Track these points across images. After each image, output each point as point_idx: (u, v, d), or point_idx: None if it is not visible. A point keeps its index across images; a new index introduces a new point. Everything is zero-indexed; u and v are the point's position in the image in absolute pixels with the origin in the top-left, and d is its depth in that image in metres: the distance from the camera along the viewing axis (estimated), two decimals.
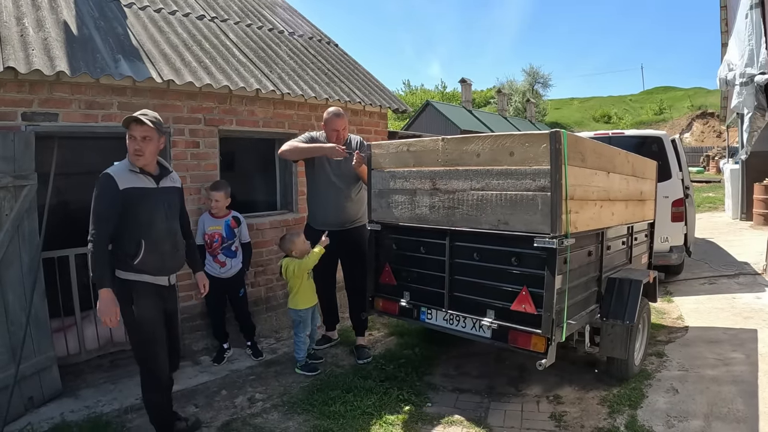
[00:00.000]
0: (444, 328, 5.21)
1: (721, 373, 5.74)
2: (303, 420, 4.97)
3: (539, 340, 4.47)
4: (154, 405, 4.49)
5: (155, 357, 4.38)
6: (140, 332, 4.31)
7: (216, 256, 6.30)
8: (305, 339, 6.13)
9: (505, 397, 5.42)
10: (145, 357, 4.39)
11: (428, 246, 5.32)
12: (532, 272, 4.52)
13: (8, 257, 4.88)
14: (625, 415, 4.90)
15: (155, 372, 4.40)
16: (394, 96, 9.55)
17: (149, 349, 4.36)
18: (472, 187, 4.81)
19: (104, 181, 4.14)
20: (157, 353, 4.38)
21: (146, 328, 4.30)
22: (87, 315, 6.11)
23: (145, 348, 4.36)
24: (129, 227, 4.22)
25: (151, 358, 4.38)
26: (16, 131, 5.11)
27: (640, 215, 6.62)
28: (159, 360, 4.40)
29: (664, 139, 9.29)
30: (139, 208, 4.24)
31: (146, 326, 4.30)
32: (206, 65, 6.70)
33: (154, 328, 4.35)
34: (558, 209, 4.30)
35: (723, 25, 17.42)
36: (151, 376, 4.40)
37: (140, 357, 4.42)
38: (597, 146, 5.16)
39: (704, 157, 42.18)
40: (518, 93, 66.46)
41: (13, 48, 5.17)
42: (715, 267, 10.68)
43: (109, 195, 4.13)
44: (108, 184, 4.13)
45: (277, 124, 7.43)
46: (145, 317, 4.27)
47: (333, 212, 6.30)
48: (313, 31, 10.31)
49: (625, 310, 5.34)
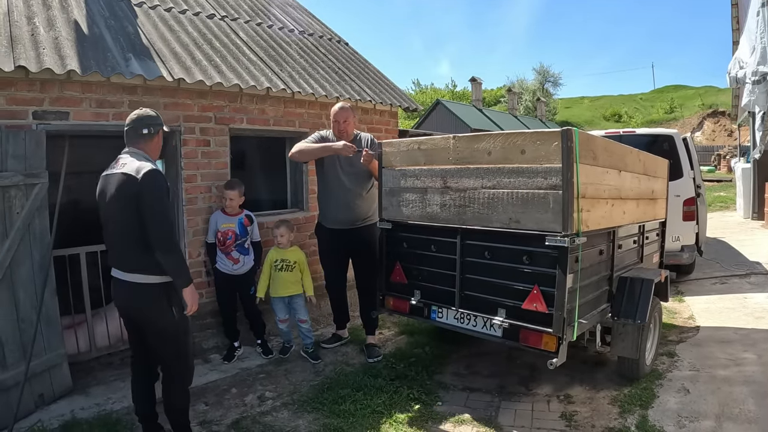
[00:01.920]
0: (455, 327, 5.20)
1: (732, 373, 5.70)
2: (313, 418, 4.97)
3: (550, 339, 4.45)
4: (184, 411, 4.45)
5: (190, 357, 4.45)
6: (178, 334, 4.22)
7: (229, 253, 6.32)
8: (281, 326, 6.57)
9: (516, 397, 5.40)
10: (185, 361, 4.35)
11: (439, 244, 5.30)
12: (544, 271, 4.50)
13: (19, 255, 4.89)
14: (636, 415, 4.87)
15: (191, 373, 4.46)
16: (405, 94, 9.54)
17: (188, 351, 4.38)
18: (484, 185, 4.80)
19: (163, 179, 4.08)
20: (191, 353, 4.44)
21: (184, 327, 4.25)
22: (97, 313, 6.12)
23: (185, 351, 4.32)
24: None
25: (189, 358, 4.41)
26: (27, 130, 5.13)
27: (652, 214, 6.59)
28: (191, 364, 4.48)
29: (676, 138, 9.24)
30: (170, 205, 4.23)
31: (184, 325, 4.24)
32: (216, 64, 6.71)
33: (188, 325, 4.33)
34: (569, 208, 4.28)
35: (734, 23, 17.34)
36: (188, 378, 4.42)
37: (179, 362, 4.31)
38: (608, 144, 5.14)
39: (715, 156, 42.02)
40: (528, 92, 66.32)
41: (24, 47, 5.19)
42: (726, 266, 10.60)
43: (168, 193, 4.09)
44: (166, 183, 4.10)
45: (287, 122, 7.43)
46: (183, 316, 4.20)
47: (344, 210, 6.28)
48: (323, 29, 10.32)
49: (637, 309, 5.31)
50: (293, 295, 6.42)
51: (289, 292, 6.41)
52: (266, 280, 6.45)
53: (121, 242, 4.09)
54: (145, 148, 4.21)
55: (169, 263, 3.99)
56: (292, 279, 6.41)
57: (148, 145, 4.23)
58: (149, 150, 4.24)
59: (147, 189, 3.92)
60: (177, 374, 4.31)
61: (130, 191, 3.94)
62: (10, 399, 4.72)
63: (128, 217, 3.97)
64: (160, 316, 4.10)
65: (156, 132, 4.26)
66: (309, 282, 6.50)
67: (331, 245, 6.50)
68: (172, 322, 4.13)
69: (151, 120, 4.24)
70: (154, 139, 4.27)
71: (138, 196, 3.92)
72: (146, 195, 3.92)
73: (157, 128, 4.26)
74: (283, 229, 6.42)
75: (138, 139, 4.19)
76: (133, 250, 4.02)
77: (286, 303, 6.46)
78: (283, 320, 6.50)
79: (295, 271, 6.42)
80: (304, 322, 6.48)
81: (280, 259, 6.40)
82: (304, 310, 6.49)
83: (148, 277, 4.02)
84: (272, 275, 6.44)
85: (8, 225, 4.80)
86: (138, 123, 4.19)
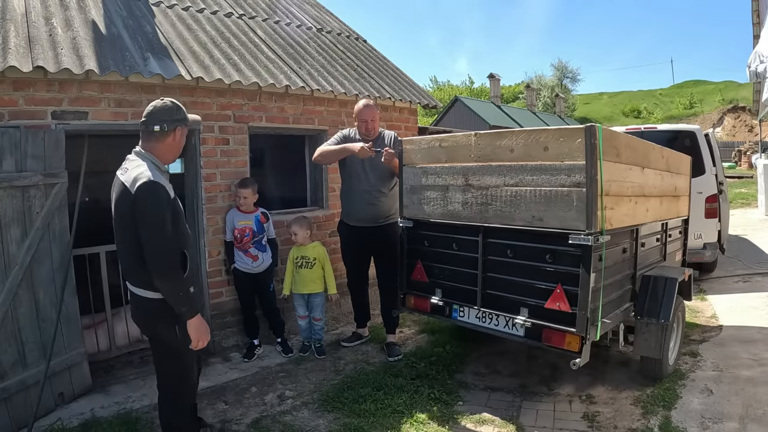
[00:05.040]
0: (476, 326, 5.17)
1: (756, 373, 5.62)
2: (333, 418, 4.95)
3: (573, 339, 4.41)
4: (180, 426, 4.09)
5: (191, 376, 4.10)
6: (180, 352, 3.83)
7: (248, 251, 6.33)
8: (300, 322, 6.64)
9: (537, 397, 5.36)
10: (181, 378, 3.99)
11: (461, 243, 5.26)
12: (567, 270, 4.45)
13: (39, 254, 4.90)
14: (658, 416, 4.81)
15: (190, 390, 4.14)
16: (424, 91, 9.50)
17: (187, 370, 4.01)
18: (506, 182, 4.75)
19: (162, 193, 3.59)
20: (193, 371, 4.10)
21: (186, 345, 3.76)
22: (117, 312, 6.15)
23: (183, 369, 3.97)
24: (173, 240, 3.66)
25: (188, 377, 4.06)
26: (47, 130, 5.14)
27: (675, 211, 6.52)
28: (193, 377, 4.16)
29: (698, 134, 9.14)
30: (181, 216, 3.84)
31: (187, 344, 3.75)
32: (235, 62, 6.69)
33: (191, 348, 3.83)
34: (593, 205, 4.22)
35: (754, 17, 17.13)
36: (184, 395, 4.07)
37: (173, 379, 3.99)
38: (631, 141, 5.08)
39: (736, 152, 41.67)
40: (547, 88, 66.10)
41: (42, 47, 5.20)
42: (748, 264, 10.50)
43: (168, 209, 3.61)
44: (165, 197, 3.61)
45: (307, 120, 7.41)
46: (187, 337, 3.73)
47: (366, 208, 6.26)
48: (341, 27, 10.29)
49: (660, 308, 5.25)
50: (312, 293, 6.43)
51: (308, 290, 6.43)
52: (290, 278, 6.50)
53: (123, 255, 3.80)
54: (155, 149, 3.75)
55: (164, 288, 3.59)
56: (312, 276, 6.43)
57: (159, 145, 3.76)
58: (159, 151, 3.77)
59: (140, 204, 3.51)
60: (171, 391, 4.01)
61: (125, 204, 3.59)
62: (30, 397, 4.74)
63: (126, 232, 3.64)
64: (162, 332, 3.81)
65: (170, 129, 3.75)
66: (332, 279, 6.52)
67: (353, 243, 6.50)
68: (174, 340, 3.78)
69: (165, 115, 3.74)
70: (168, 139, 3.76)
71: (132, 211, 3.54)
72: (139, 211, 3.52)
73: (173, 125, 3.76)
74: (295, 227, 6.43)
75: (147, 137, 3.75)
76: (133, 264, 3.68)
77: (306, 300, 6.49)
78: (302, 317, 6.55)
79: (315, 268, 6.42)
80: (319, 321, 6.52)
81: (300, 256, 6.43)
82: (321, 309, 6.52)
83: (151, 293, 3.69)
84: (294, 272, 6.46)
85: (28, 224, 4.81)
86: (150, 118, 3.72)
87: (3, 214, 4.61)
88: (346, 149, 6.07)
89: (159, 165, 3.75)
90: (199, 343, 3.76)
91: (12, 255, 4.68)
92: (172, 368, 3.96)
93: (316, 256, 6.43)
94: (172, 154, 3.90)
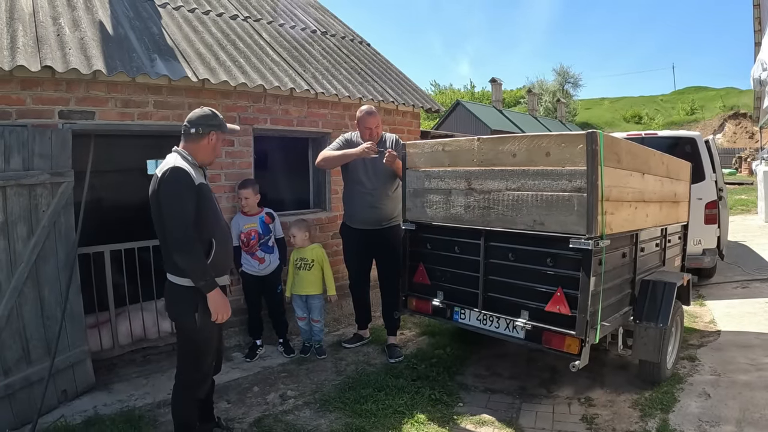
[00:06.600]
0: (477, 328, 5.20)
1: (753, 378, 5.65)
2: (335, 418, 4.99)
3: (573, 342, 4.45)
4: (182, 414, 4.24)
5: (203, 367, 4.23)
6: (197, 341, 4.10)
7: (254, 254, 6.36)
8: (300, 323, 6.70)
9: (537, 399, 5.40)
10: (193, 367, 4.19)
11: (463, 246, 5.30)
12: (567, 273, 4.50)
13: (45, 253, 4.95)
14: (656, 419, 4.85)
15: (198, 383, 4.24)
16: (427, 95, 9.54)
17: (201, 360, 4.19)
18: (508, 187, 4.80)
19: (182, 176, 3.90)
20: (206, 364, 4.24)
21: (205, 335, 4.09)
22: (121, 311, 6.17)
23: (197, 358, 4.17)
24: (198, 226, 3.95)
25: (199, 368, 4.21)
26: (54, 129, 5.19)
27: (674, 217, 6.56)
28: (206, 370, 4.26)
29: (698, 140, 9.17)
30: (210, 203, 4.12)
31: (205, 334, 4.08)
32: (240, 64, 6.75)
33: (212, 336, 4.18)
34: (594, 210, 4.27)
35: (756, 24, 17.12)
36: (192, 386, 4.22)
37: (187, 367, 4.19)
38: (632, 147, 5.12)
39: (736, 159, 41.66)
40: (548, 93, 66.00)
41: (50, 47, 5.24)
42: (747, 270, 10.51)
43: (190, 192, 3.91)
44: (186, 180, 3.91)
45: (311, 123, 7.46)
46: (207, 324, 4.04)
47: (368, 211, 6.29)
48: (345, 30, 10.35)
49: (659, 312, 5.29)
50: (310, 295, 6.48)
51: (306, 292, 6.47)
52: (291, 280, 6.54)
53: (161, 243, 4.06)
54: (190, 148, 4.11)
55: (183, 263, 3.87)
56: (310, 278, 6.47)
57: (194, 146, 4.12)
58: (195, 150, 4.13)
59: (163, 186, 3.87)
60: (184, 378, 4.20)
61: (154, 190, 3.95)
62: (33, 394, 4.80)
63: (158, 217, 3.95)
64: (182, 318, 4.07)
65: (205, 133, 4.12)
66: (331, 281, 6.55)
67: (356, 245, 6.52)
68: (193, 328, 4.02)
69: (202, 120, 4.12)
70: (203, 141, 4.13)
71: (158, 194, 3.91)
72: (161, 192, 3.88)
73: (207, 129, 4.12)
74: (293, 230, 6.49)
75: (186, 137, 4.13)
76: (165, 249, 4.00)
77: (304, 301, 6.52)
78: (301, 318, 6.59)
79: (314, 270, 6.46)
80: (317, 322, 6.56)
81: (299, 258, 6.47)
82: (319, 311, 6.55)
83: (178, 279, 3.98)
84: (294, 274, 6.51)
85: (34, 223, 4.86)
86: (189, 121, 4.12)
87: (10, 212, 4.66)
88: (348, 155, 6.10)
89: (190, 159, 4.09)
90: (219, 317, 4.02)
91: (18, 253, 4.73)
92: (188, 356, 4.19)
93: (315, 258, 6.47)
94: (207, 156, 4.26)
